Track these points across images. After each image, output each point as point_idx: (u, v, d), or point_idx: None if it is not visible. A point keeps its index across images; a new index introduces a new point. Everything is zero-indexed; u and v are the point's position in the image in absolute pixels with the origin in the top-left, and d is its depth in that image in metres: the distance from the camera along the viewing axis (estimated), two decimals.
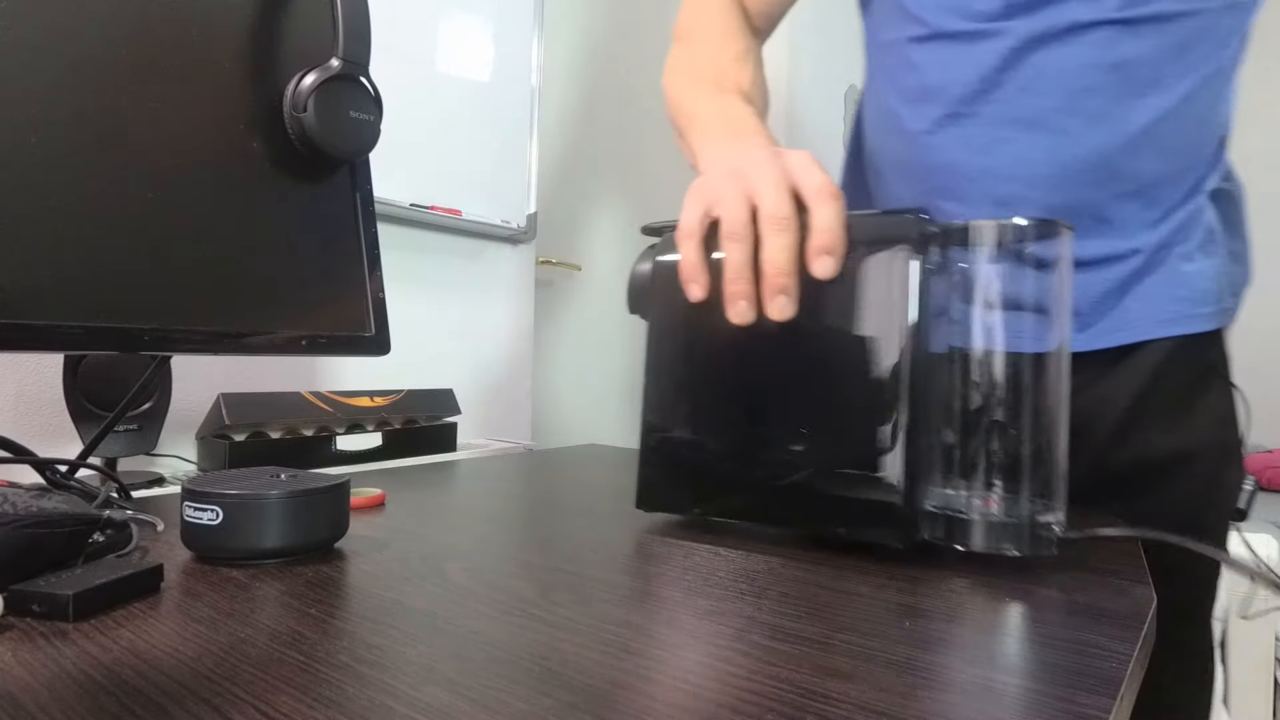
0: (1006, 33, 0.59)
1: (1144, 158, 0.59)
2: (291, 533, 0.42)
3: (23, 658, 0.29)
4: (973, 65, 0.61)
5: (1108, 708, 0.26)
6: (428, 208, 1.16)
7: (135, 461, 0.83)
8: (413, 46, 1.14)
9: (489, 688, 0.27)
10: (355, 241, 0.58)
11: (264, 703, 0.25)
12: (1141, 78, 0.57)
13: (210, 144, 0.49)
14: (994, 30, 0.60)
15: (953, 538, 0.44)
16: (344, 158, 0.55)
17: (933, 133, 0.63)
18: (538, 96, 1.37)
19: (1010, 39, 0.59)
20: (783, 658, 0.30)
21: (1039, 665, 0.30)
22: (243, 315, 0.50)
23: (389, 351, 0.59)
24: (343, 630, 0.32)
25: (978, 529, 0.44)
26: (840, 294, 0.46)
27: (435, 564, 0.42)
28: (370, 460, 0.92)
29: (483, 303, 1.34)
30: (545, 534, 0.51)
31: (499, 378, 1.38)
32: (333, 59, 0.53)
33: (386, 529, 0.51)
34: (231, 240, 0.50)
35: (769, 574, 0.42)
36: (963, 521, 0.44)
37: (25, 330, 0.40)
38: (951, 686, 0.28)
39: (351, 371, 1.10)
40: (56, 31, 0.42)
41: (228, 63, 0.50)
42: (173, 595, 0.36)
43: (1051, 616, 0.36)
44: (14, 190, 0.40)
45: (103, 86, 0.44)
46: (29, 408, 0.80)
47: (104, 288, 0.43)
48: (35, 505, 0.36)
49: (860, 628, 0.34)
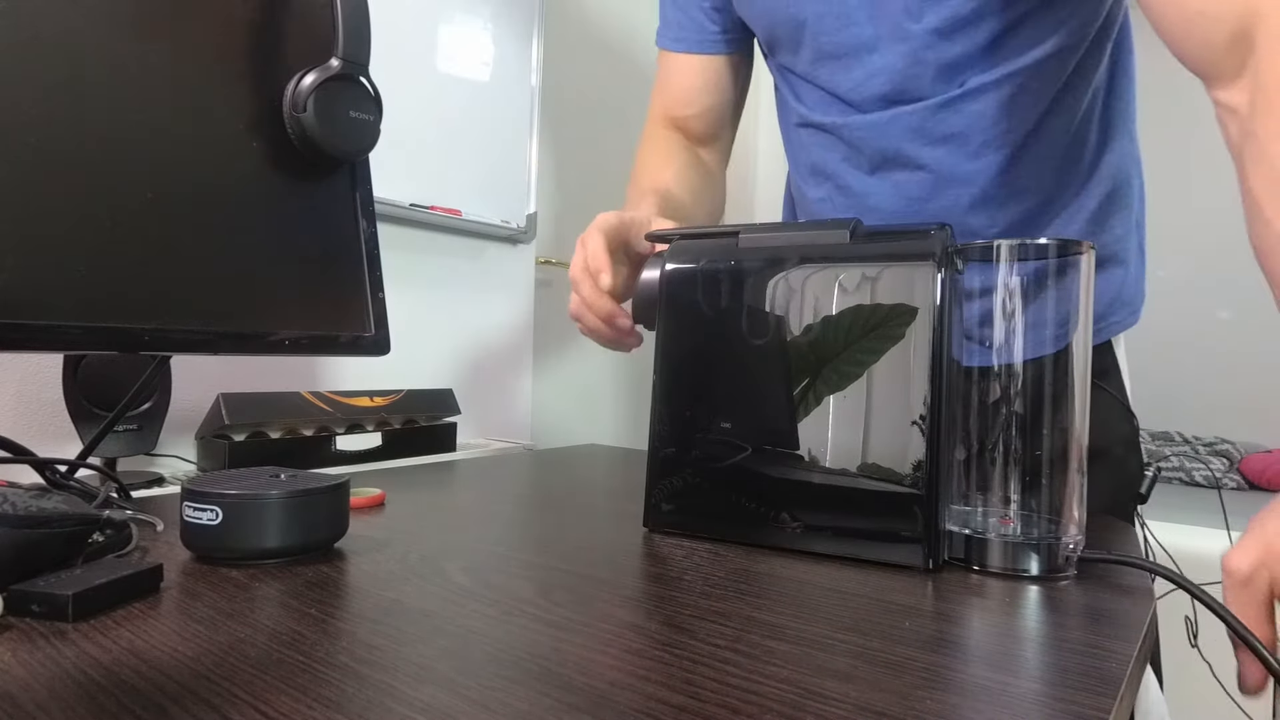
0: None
1: (1000, 196, 0.69)
2: (291, 533, 0.42)
3: (22, 658, 0.29)
4: (841, 147, 0.74)
5: (1108, 708, 0.26)
6: (428, 208, 1.16)
7: (135, 461, 0.83)
8: (413, 47, 1.14)
9: (489, 688, 0.27)
10: (355, 241, 0.58)
11: (264, 703, 0.25)
12: (974, 142, 0.68)
13: (210, 144, 0.49)
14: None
15: (971, 558, 0.44)
16: (344, 158, 0.55)
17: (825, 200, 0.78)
18: (538, 96, 1.37)
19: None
20: (783, 658, 0.30)
21: (1039, 665, 0.30)
22: (242, 315, 0.50)
23: (389, 351, 0.59)
24: (342, 630, 0.32)
25: (995, 548, 0.44)
26: (862, 309, 0.46)
27: (435, 564, 0.42)
28: (370, 460, 0.92)
29: (483, 303, 1.34)
30: (545, 534, 0.51)
31: (499, 378, 1.38)
32: (333, 59, 0.53)
33: (386, 529, 0.51)
34: (231, 240, 0.50)
35: (769, 574, 0.42)
36: (981, 541, 0.44)
37: (25, 330, 0.40)
38: (951, 686, 0.28)
39: (351, 371, 1.10)
40: (56, 32, 0.42)
41: (228, 62, 0.50)
42: (172, 595, 0.36)
43: (1052, 617, 0.36)
44: (14, 190, 0.40)
45: (102, 87, 0.44)
46: (29, 408, 0.80)
47: (104, 288, 0.43)
48: (35, 505, 0.36)
49: (860, 628, 0.34)
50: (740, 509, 0.48)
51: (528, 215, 1.36)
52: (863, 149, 0.72)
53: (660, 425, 0.52)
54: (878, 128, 0.70)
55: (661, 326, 0.52)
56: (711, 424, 0.50)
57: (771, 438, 0.48)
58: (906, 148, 0.69)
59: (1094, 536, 0.53)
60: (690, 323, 0.51)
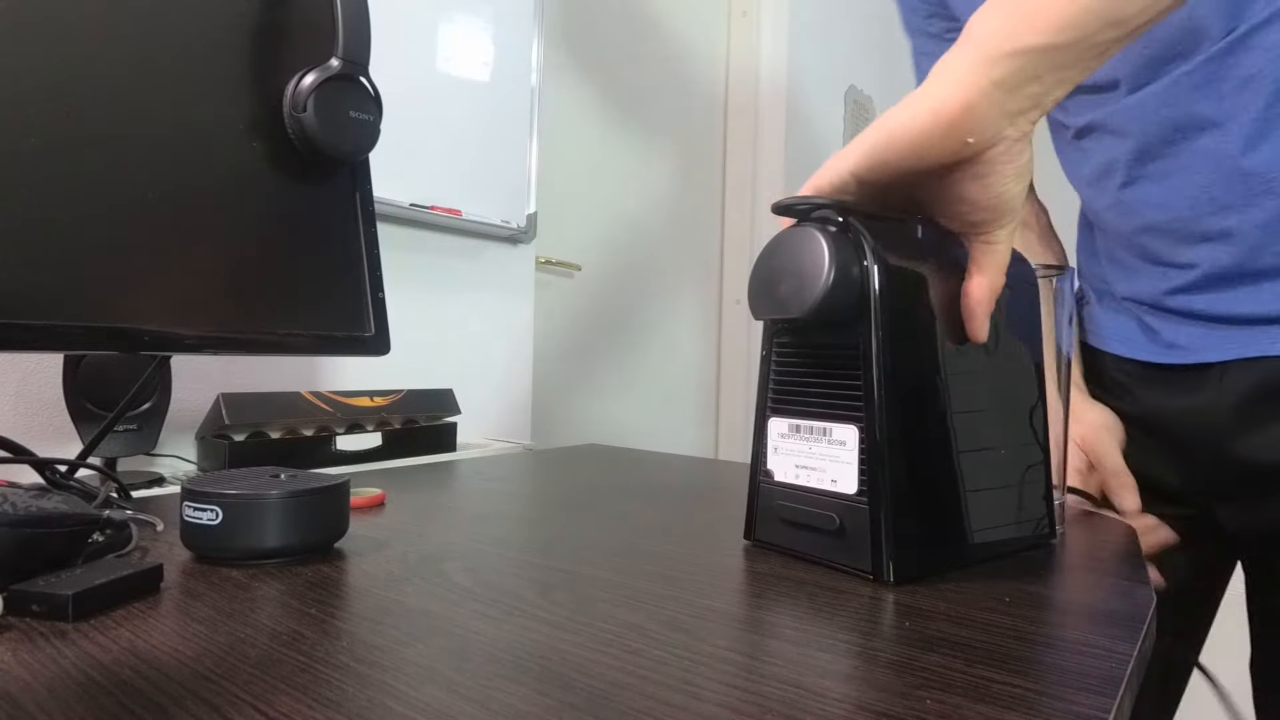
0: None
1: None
2: (291, 533, 0.42)
3: (22, 658, 0.29)
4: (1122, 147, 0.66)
5: (1108, 708, 0.26)
6: (428, 208, 1.16)
7: (135, 461, 0.83)
8: (413, 46, 1.14)
9: (489, 688, 0.27)
10: (355, 241, 0.58)
11: (264, 703, 0.25)
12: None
13: (210, 144, 0.49)
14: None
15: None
16: (344, 158, 0.55)
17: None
18: (538, 96, 1.37)
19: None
20: (783, 658, 0.30)
21: (1039, 665, 0.30)
22: (242, 315, 0.50)
23: (389, 351, 0.59)
24: (343, 630, 0.32)
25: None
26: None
27: (435, 564, 0.42)
28: (370, 460, 0.92)
29: (483, 303, 1.34)
30: (545, 534, 0.51)
31: (499, 378, 1.38)
32: (333, 59, 0.53)
33: (386, 529, 0.51)
34: (231, 240, 0.50)
35: (768, 574, 0.42)
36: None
37: (25, 330, 0.40)
38: (951, 686, 0.28)
39: (351, 371, 1.10)
40: (56, 32, 0.42)
41: (228, 62, 0.50)
42: (172, 595, 0.36)
43: (1051, 616, 0.36)
44: (14, 191, 0.40)
45: (102, 87, 0.44)
46: (29, 408, 0.80)
47: (104, 288, 0.43)
48: (35, 505, 0.36)
49: (860, 628, 0.34)
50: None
51: (528, 215, 1.36)
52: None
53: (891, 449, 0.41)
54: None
55: (881, 331, 0.41)
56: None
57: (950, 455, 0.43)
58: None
59: (1094, 536, 0.53)
60: (909, 330, 0.42)
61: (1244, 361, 0.62)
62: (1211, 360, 0.64)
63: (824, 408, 0.43)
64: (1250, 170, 0.59)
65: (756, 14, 2.14)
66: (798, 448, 0.45)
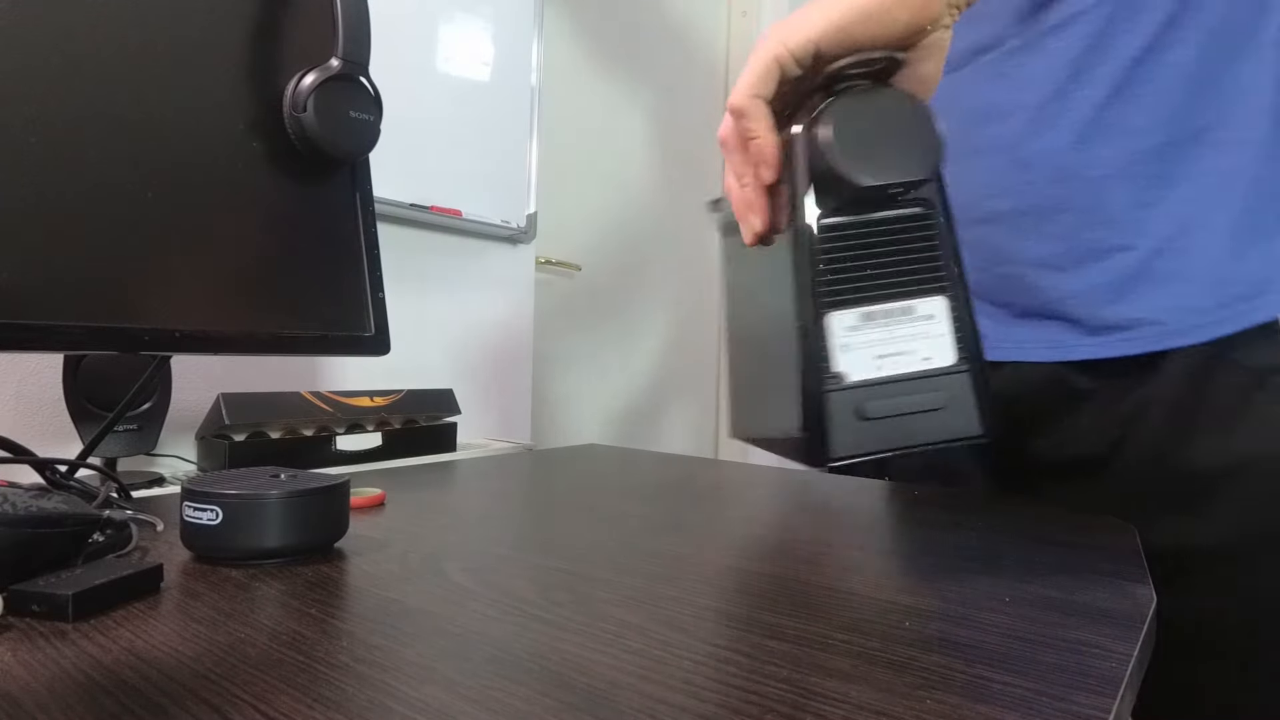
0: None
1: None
2: (291, 533, 0.42)
3: (22, 658, 0.29)
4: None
5: (1108, 708, 0.26)
6: (428, 208, 1.16)
7: (135, 461, 0.83)
8: (413, 46, 1.14)
9: (489, 688, 0.27)
10: (355, 241, 0.58)
11: (264, 703, 0.25)
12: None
13: (210, 144, 0.49)
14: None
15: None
16: (344, 158, 0.55)
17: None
18: (538, 96, 1.37)
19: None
20: (783, 658, 0.30)
21: (1039, 665, 0.30)
22: (242, 315, 0.50)
23: (389, 351, 0.59)
24: (343, 630, 0.32)
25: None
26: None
27: (435, 564, 0.42)
28: (370, 460, 0.92)
29: (483, 303, 1.34)
30: (545, 534, 0.51)
31: (499, 378, 1.38)
32: (333, 59, 0.53)
33: (386, 529, 0.51)
34: (231, 240, 0.50)
35: (769, 574, 0.42)
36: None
37: (25, 330, 0.40)
38: (951, 686, 0.28)
39: (351, 371, 1.10)
40: (56, 32, 0.42)
41: (228, 62, 0.50)
42: (172, 595, 0.36)
43: (1051, 616, 0.36)
44: (13, 190, 0.40)
45: (102, 86, 0.44)
46: (29, 408, 0.80)
47: (104, 288, 0.43)
48: (35, 505, 0.36)
49: (860, 628, 0.34)
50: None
51: (528, 215, 1.36)
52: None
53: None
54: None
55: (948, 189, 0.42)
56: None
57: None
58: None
59: (1093, 536, 0.53)
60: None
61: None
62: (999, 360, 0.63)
63: (900, 285, 0.40)
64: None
65: (756, 14, 2.14)
66: (875, 337, 0.40)
